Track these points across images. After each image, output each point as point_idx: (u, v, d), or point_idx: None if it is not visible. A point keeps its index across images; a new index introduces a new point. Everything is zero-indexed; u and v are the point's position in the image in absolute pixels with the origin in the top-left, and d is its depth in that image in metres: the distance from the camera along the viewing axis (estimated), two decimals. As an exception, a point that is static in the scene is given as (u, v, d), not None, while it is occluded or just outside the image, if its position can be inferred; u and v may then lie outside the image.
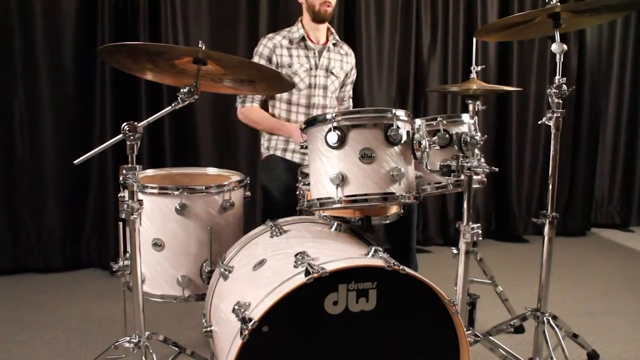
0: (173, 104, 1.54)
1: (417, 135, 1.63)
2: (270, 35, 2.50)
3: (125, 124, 1.54)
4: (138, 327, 1.68)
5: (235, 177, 2.11)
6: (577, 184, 4.18)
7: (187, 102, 1.54)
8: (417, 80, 3.66)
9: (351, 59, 2.65)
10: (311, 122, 1.67)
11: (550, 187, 1.89)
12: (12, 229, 3.14)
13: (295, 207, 2.02)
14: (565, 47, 1.77)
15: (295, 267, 1.37)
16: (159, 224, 1.88)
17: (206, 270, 1.90)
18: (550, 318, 1.88)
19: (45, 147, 3.13)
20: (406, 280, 1.35)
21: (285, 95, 2.47)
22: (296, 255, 1.38)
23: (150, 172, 2.19)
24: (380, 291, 1.34)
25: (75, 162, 1.58)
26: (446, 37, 3.69)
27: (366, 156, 1.57)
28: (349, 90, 2.72)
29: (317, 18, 2.43)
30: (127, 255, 1.72)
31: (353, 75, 2.69)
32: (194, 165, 2.76)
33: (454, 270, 1.70)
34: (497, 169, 1.63)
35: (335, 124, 1.58)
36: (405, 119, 1.63)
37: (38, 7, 3.01)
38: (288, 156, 2.49)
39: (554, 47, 1.77)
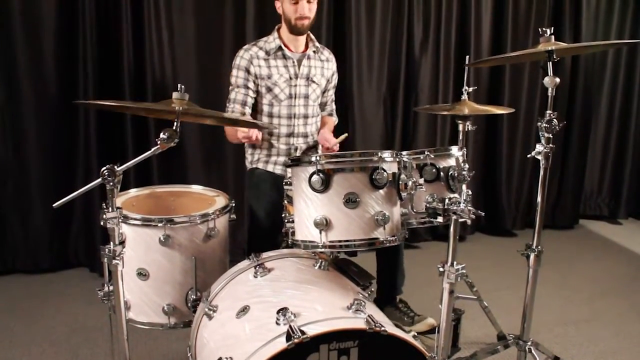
0: (153, 149, 1.50)
1: (402, 176, 1.61)
2: (246, 46, 2.44)
3: (104, 168, 1.50)
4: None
5: (220, 200, 2.08)
6: (567, 177, 4.18)
7: (168, 147, 1.50)
8: (407, 77, 3.59)
9: (332, 65, 2.59)
10: (296, 162, 1.64)
11: (538, 218, 1.87)
12: (-2, 230, 3.12)
13: (280, 227, 1.99)
14: (557, 80, 1.72)
15: (277, 324, 1.37)
16: (142, 254, 1.86)
17: (192, 299, 1.90)
18: (532, 347, 1.90)
19: (29, 146, 3.07)
20: (388, 338, 1.35)
21: (266, 107, 2.43)
22: (278, 312, 1.38)
23: (133, 192, 2.16)
24: (362, 349, 1.34)
25: (54, 205, 1.55)
26: (438, 33, 3.60)
27: (351, 201, 1.55)
28: (331, 94, 2.67)
29: (294, 31, 2.37)
30: (112, 281, 1.71)
31: (334, 80, 2.65)
32: (180, 176, 2.72)
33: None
34: (483, 213, 1.61)
35: (319, 167, 1.55)
36: (391, 159, 1.61)
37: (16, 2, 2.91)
38: (270, 168, 2.46)
39: (546, 81, 1.72)
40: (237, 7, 3.19)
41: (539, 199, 1.92)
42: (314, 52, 2.48)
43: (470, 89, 2.21)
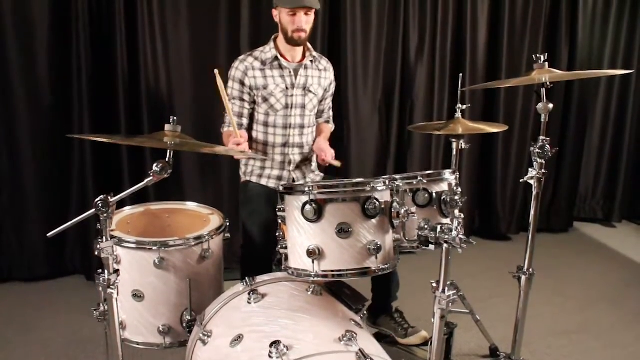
0: (146, 181, 1.51)
1: (395, 204, 1.61)
2: (242, 57, 2.41)
3: (98, 199, 1.51)
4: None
5: (214, 219, 2.08)
6: (562, 181, 4.20)
7: (161, 178, 1.51)
8: (403, 85, 3.58)
9: (330, 74, 2.57)
10: (289, 190, 1.64)
11: (530, 239, 1.89)
12: (-6, 238, 3.12)
13: (274, 244, 1.99)
14: (551, 106, 1.73)
15: (270, 357, 1.38)
16: (137, 277, 1.88)
17: (187, 319, 1.91)
18: (522, 366, 1.93)
19: (25, 155, 3.07)
20: (380, 370, 1.37)
21: (261, 117, 2.42)
22: (271, 345, 1.39)
23: (128, 210, 2.17)
24: (354, 382, 1.36)
25: (48, 234, 1.57)
26: (434, 40, 3.60)
27: (343, 231, 1.56)
28: (328, 102, 2.65)
29: (291, 43, 2.34)
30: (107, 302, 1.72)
31: (332, 89, 2.64)
32: (175, 187, 2.71)
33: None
34: (474, 242, 1.61)
35: (312, 197, 1.56)
36: (383, 188, 1.61)
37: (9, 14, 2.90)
38: (263, 182, 2.44)
39: (540, 107, 1.73)
40: (231, 18, 3.19)
41: (531, 219, 1.94)
42: (312, 61, 2.46)
43: (464, 107, 2.19)
